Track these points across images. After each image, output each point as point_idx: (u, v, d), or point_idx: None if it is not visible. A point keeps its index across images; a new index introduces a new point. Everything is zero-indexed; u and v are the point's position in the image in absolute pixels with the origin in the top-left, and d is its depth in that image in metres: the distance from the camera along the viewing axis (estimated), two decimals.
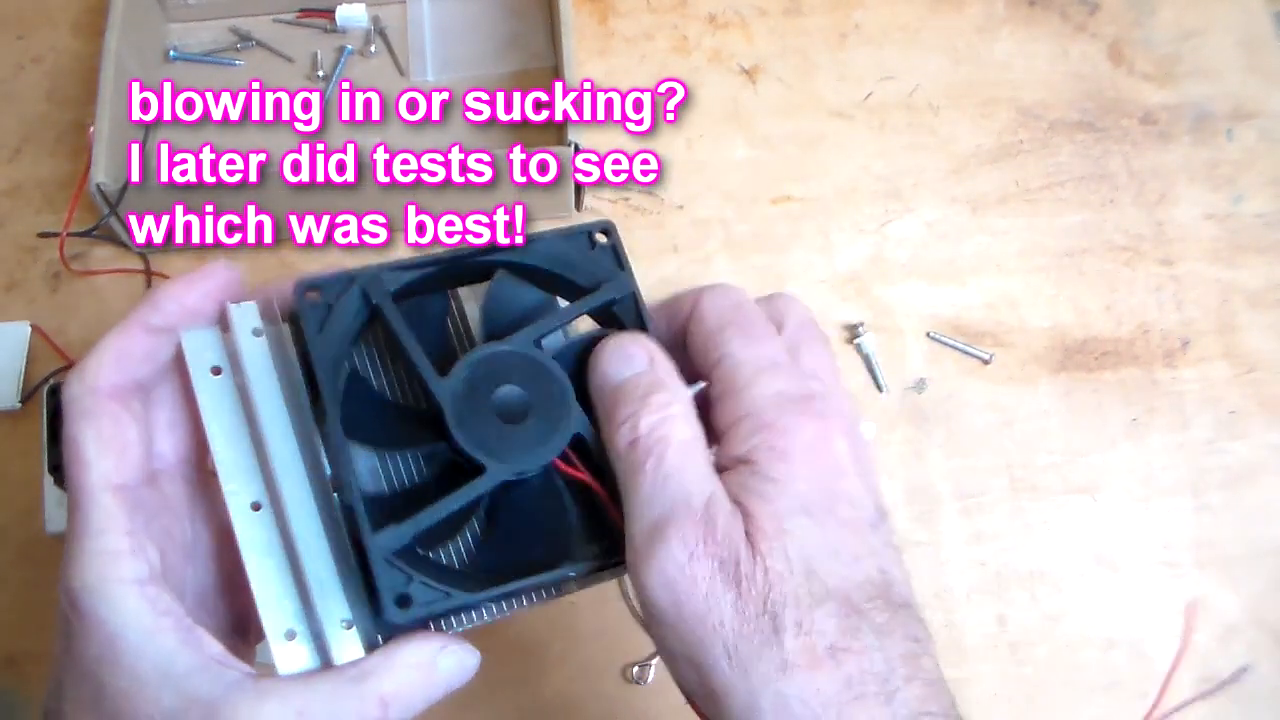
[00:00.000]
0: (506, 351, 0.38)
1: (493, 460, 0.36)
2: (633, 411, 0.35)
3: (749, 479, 0.35)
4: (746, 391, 0.36)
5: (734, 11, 0.76)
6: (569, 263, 0.40)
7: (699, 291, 0.39)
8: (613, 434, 0.36)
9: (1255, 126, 0.73)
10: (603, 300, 0.39)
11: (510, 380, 0.37)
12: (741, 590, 0.33)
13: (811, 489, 0.35)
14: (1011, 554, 0.62)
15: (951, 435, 0.64)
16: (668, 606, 0.33)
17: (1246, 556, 0.62)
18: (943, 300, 0.68)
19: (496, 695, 0.58)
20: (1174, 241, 0.70)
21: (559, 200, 0.67)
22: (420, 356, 0.37)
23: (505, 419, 0.37)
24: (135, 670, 0.33)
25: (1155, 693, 0.59)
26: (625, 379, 0.36)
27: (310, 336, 0.37)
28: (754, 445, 0.35)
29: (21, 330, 0.65)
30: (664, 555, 0.33)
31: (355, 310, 0.37)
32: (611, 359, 0.37)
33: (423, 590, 0.34)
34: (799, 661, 0.32)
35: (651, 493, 0.34)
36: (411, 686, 0.35)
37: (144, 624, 0.33)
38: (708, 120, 0.73)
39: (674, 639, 0.34)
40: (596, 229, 0.40)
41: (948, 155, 0.72)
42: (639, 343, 0.37)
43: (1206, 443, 0.65)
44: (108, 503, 0.34)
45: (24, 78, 0.73)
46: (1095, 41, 0.76)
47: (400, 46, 0.74)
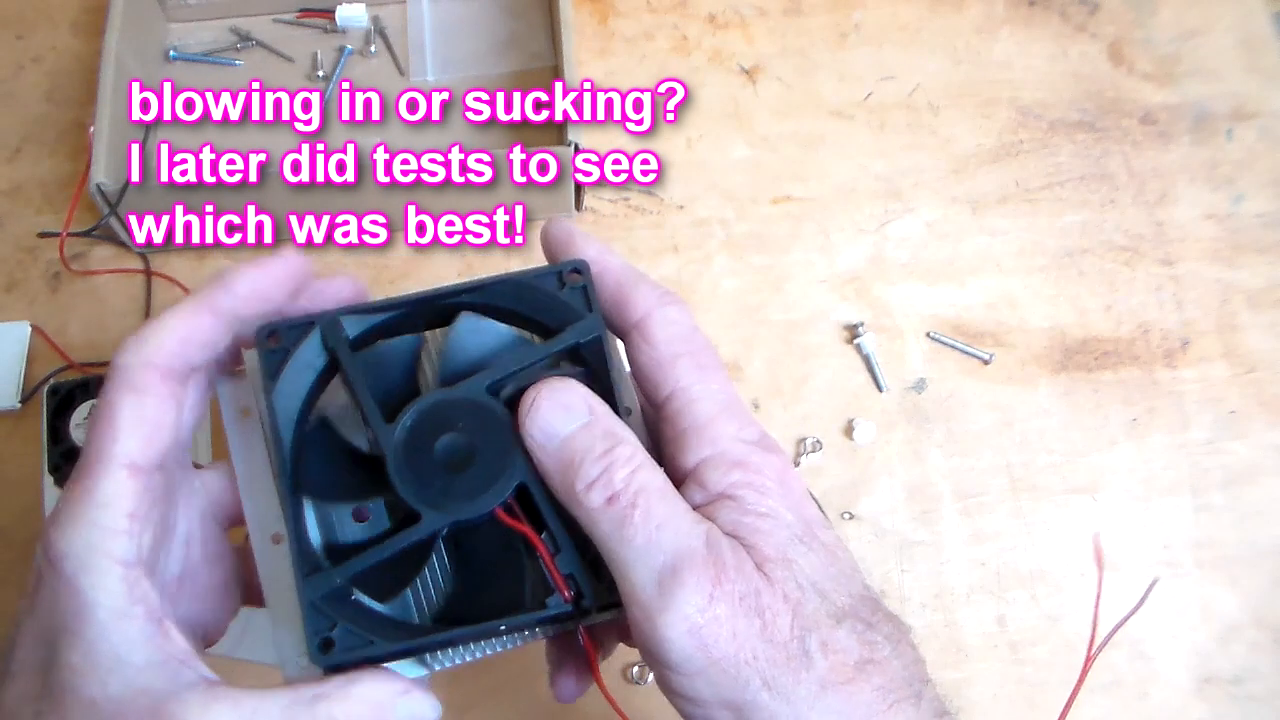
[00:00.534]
0: (455, 399, 0.37)
1: (428, 509, 0.36)
2: (602, 469, 0.34)
3: (739, 515, 0.35)
4: (709, 430, 0.36)
5: (734, 11, 0.76)
6: (536, 303, 0.38)
7: (648, 304, 0.38)
8: (581, 495, 0.34)
9: (1255, 126, 0.73)
10: (566, 344, 0.37)
11: (456, 428, 0.36)
12: (765, 620, 0.33)
13: (795, 519, 0.36)
14: (1011, 554, 0.62)
15: (951, 435, 0.64)
16: (695, 652, 0.33)
17: (1246, 556, 0.62)
18: (943, 300, 0.68)
19: (496, 695, 0.58)
20: (1174, 241, 0.70)
21: (559, 200, 0.67)
22: (369, 403, 0.36)
23: (449, 467, 0.36)
24: (93, 648, 0.32)
25: (1154, 692, 0.59)
26: (572, 432, 0.35)
27: (265, 385, 0.37)
28: (734, 481, 0.36)
29: (21, 330, 0.65)
30: (683, 601, 0.33)
31: (313, 356, 0.37)
32: (551, 413, 0.36)
33: (346, 636, 0.35)
34: (835, 679, 0.33)
35: (647, 543, 0.34)
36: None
37: (116, 605, 0.33)
38: (708, 120, 0.73)
39: (704, 684, 0.33)
40: (568, 269, 0.38)
41: (948, 155, 0.72)
42: (573, 391, 0.36)
43: (1206, 443, 0.65)
44: (122, 479, 0.34)
45: (24, 78, 0.73)
46: (1095, 41, 0.76)
47: (400, 46, 0.74)
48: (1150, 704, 0.59)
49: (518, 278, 0.38)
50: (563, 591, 0.36)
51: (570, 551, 0.36)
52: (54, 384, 0.61)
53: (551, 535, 0.36)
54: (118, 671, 0.32)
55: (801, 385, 0.65)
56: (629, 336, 0.38)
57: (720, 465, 0.36)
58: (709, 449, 0.36)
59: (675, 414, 0.37)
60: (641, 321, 0.38)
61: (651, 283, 0.39)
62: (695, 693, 0.34)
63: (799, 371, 0.66)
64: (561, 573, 0.36)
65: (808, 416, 0.65)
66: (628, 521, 0.34)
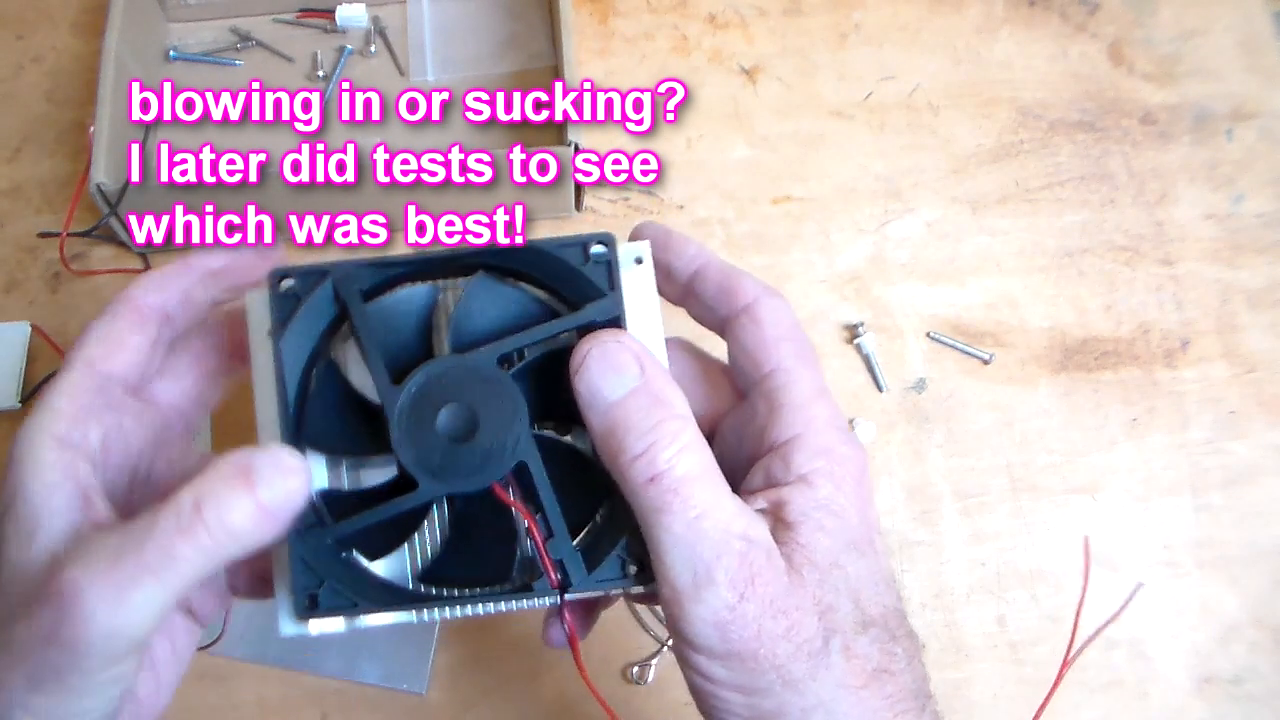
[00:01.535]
0: (463, 367, 0.36)
1: (427, 478, 0.36)
2: (648, 445, 0.34)
3: (810, 506, 0.36)
4: (805, 410, 0.37)
5: (734, 11, 0.76)
6: (557, 275, 0.38)
7: (756, 291, 0.39)
8: (624, 467, 0.35)
9: (1255, 126, 0.73)
10: (583, 321, 0.37)
11: (463, 397, 0.36)
12: (792, 621, 0.34)
13: (859, 523, 0.37)
14: (1011, 554, 0.62)
15: (951, 435, 0.64)
16: (717, 643, 0.34)
17: (1246, 556, 0.62)
18: (943, 300, 0.68)
19: (496, 695, 0.58)
20: (1174, 241, 0.70)
21: (559, 200, 0.67)
22: (377, 363, 0.36)
23: (451, 436, 0.36)
24: (20, 515, 0.35)
25: (1154, 692, 0.59)
26: (620, 398, 0.35)
27: (274, 329, 0.37)
28: (816, 468, 0.37)
29: (21, 330, 0.65)
30: (712, 598, 0.34)
31: (325, 305, 0.37)
32: (600, 373, 0.35)
33: (331, 595, 0.35)
34: (851, 683, 0.35)
35: (685, 533, 0.34)
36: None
37: (47, 478, 0.35)
38: (708, 120, 0.73)
39: (720, 667, 0.34)
40: (594, 240, 0.37)
41: (948, 155, 0.72)
42: (625, 348, 0.36)
43: (1206, 443, 0.65)
44: (78, 377, 0.37)
45: (24, 78, 0.73)
46: (1095, 41, 0.76)
47: (400, 46, 0.74)
48: (1150, 704, 0.59)
49: (541, 245, 0.37)
50: (550, 576, 0.36)
51: (563, 537, 0.36)
52: None
53: (545, 518, 0.36)
54: (38, 537, 0.34)
55: None
56: (735, 320, 0.39)
57: (808, 447, 0.37)
58: (801, 427, 0.37)
59: (774, 390, 0.38)
60: (751, 306, 0.39)
61: (756, 277, 0.40)
62: (711, 672, 0.35)
63: None
64: (551, 558, 0.36)
65: None
66: (668, 508, 0.34)
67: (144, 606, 0.32)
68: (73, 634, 0.32)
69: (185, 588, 0.33)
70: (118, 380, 0.38)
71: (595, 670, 0.59)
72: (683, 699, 0.59)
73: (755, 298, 0.39)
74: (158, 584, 0.32)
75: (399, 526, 0.37)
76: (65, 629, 0.32)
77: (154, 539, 0.32)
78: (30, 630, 0.32)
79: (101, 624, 0.32)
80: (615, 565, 0.36)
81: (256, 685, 0.58)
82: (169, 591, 0.32)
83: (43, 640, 0.32)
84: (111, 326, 0.38)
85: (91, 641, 0.32)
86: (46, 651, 0.32)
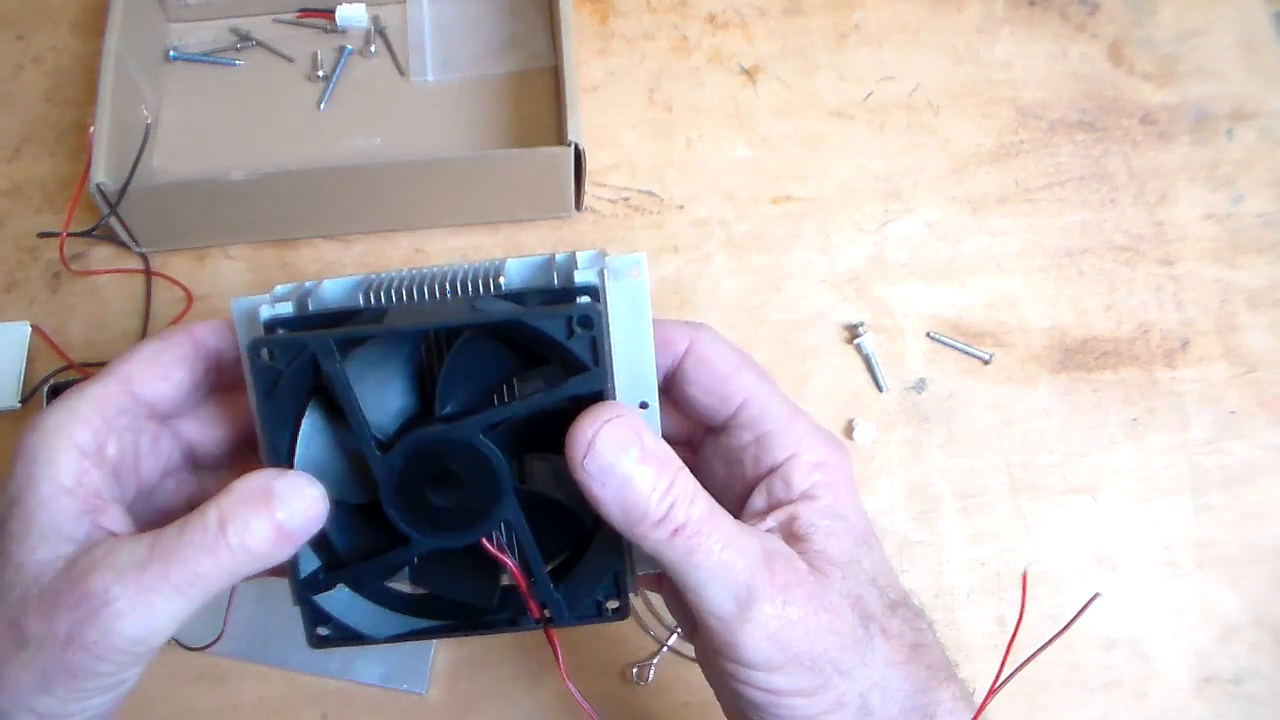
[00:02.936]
0: (450, 438, 0.37)
1: (418, 536, 0.38)
2: (669, 505, 0.36)
3: (818, 517, 0.39)
4: (790, 431, 0.40)
5: (734, 11, 0.76)
6: (542, 344, 0.37)
7: (684, 331, 0.41)
8: (649, 529, 0.36)
9: (1255, 126, 0.73)
10: (568, 395, 0.37)
11: (448, 465, 0.37)
12: (833, 614, 0.37)
13: (860, 519, 0.40)
14: (1011, 554, 0.62)
15: (951, 435, 0.64)
16: (774, 654, 0.36)
17: (1246, 556, 0.62)
18: (943, 300, 0.68)
19: (497, 696, 0.58)
20: (1174, 241, 0.70)
21: (559, 200, 0.67)
22: (365, 433, 0.37)
23: (439, 498, 0.37)
24: (30, 516, 0.35)
25: (1154, 692, 0.59)
26: (630, 474, 0.35)
27: (259, 401, 0.37)
28: (815, 482, 0.40)
29: (21, 330, 0.65)
30: (762, 615, 0.36)
31: (306, 375, 0.37)
32: (612, 456, 0.35)
33: (336, 628, 0.39)
34: (896, 659, 0.38)
35: (717, 566, 0.36)
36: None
37: (61, 483, 0.35)
38: (708, 120, 0.73)
39: (781, 678, 0.36)
40: (578, 314, 0.36)
41: (948, 155, 0.72)
42: (627, 425, 0.36)
43: (1206, 443, 0.65)
44: (111, 391, 0.37)
45: (24, 78, 0.73)
46: (1095, 41, 0.76)
47: (400, 46, 0.74)
48: (1150, 704, 0.59)
49: (525, 318, 0.37)
50: (535, 614, 0.39)
51: (545, 582, 0.39)
52: (54, 384, 0.61)
53: (526, 563, 0.38)
54: (49, 540, 0.35)
55: (801, 385, 0.65)
56: (680, 368, 0.41)
57: (804, 465, 0.40)
58: (794, 447, 0.40)
59: (754, 419, 0.40)
60: (691, 349, 0.41)
61: (674, 321, 0.41)
62: (773, 685, 0.37)
63: (799, 371, 0.66)
64: (536, 600, 0.39)
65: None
66: (696, 550, 0.36)
67: (168, 616, 0.34)
68: (97, 638, 0.33)
69: (206, 600, 0.34)
70: (147, 405, 0.39)
71: (596, 671, 0.59)
72: (682, 699, 0.59)
73: (689, 339, 0.41)
74: (183, 597, 0.34)
75: (389, 569, 0.40)
76: (90, 632, 0.33)
77: (182, 553, 0.33)
78: (48, 631, 0.33)
79: (127, 631, 0.33)
80: (592, 605, 0.40)
81: (256, 685, 0.58)
82: (192, 605, 0.34)
83: (61, 642, 0.33)
84: (162, 353, 0.39)
85: (115, 646, 0.33)
86: (64, 653, 0.33)
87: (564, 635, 0.61)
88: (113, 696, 0.35)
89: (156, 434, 0.40)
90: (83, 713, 0.35)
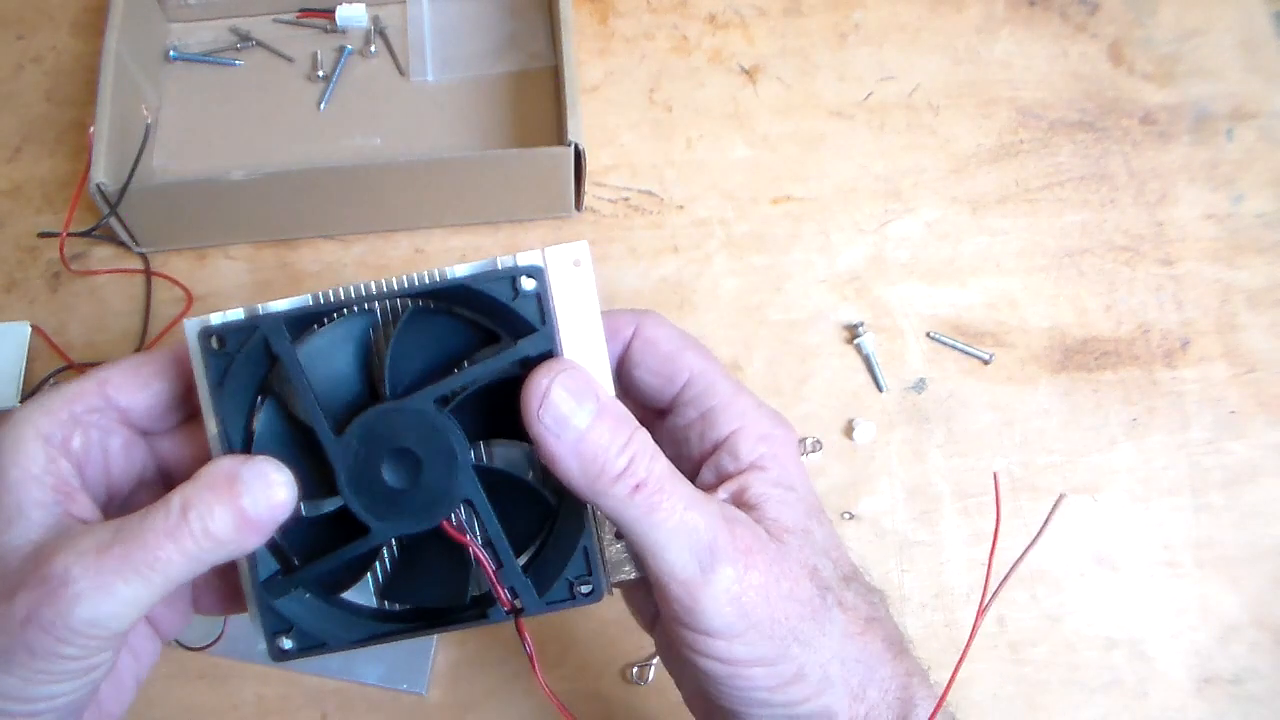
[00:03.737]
0: (403, 411, 0.36)
1: (378, 522, 0.37)
2: (629, 459, 0.36)
3: (768, 486, 0.39)
4: (735, 404, 0.40)
5: (734, 11, 0.76)
6: (488, 308, 0.37)
7: (631, 319, 0.41)
8: (608, 484, 0.35)
9: (1255, 126, 0.73)
10: (518, 357, 0.37)
11: (404, 442, 0.36)
12: (792, 580, 0.37)
13: (809, 493, 0.41)
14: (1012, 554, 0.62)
15: (951, 435, 0.64)
16: (736, 619, 0.36)
17: (1246, 556, 0.62)
18: (943, 300, 0.68)
19: (496, 696, 0.58)
20: (1174, 241, 0.70)
21: (559, 200, 0.67)
22: (318, 417, 0.36)
23: (397, 479, 0.37)
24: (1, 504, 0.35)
25: (1154, 692, 0.59)
26: (590, 425, 0.35)
27: (211, 387, 0.37)
28: (763, 454, 0.40)
29: (21, 330, 0.65)
30: (724, 578, 0.36)
31: (259, 358, 0.37)
32: (566, 407, 0.35)
33: (300, 637, 0.38)
34: (853, 630, 0.38)
35: (680, 525, 0.36)
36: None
37: (28, 469, 0.36)
38: (708, 120, 0.73)
39: (741, 646, 0.36)
40: (522, 273, 0.37)
41: (948, 155, 0.72)
42: (579, 378, 0.36)
43: (1206, 443, 0.65)
44: (84, 390, 0.38)
45: (24, 78, 0.73)
46: (1095, 41, 0.76)
47: (400, 46, 0.74)
48: (1150, 704, 0.59)
49: (469, 281, 0.37)
50: (504, 603, 0.38)
51: (512, 565, 0.38)
52: (54, 384, 0.61)
53: (493, 548, 0.37)
54: (18, 524, 0.35)
55: (801, 385, 0.65)
56: (629, 351, 0.41)
57: (749, 437, 0.40)
58: (738, 421, 0.40)
59: (699, 395, 0.41)
60: (638, 331, 0.41)
61: (621, 310, 0.42)
62: (732, 655, 0.36)
63: (799, 371, 0.66)
64: (503, 585, 0.38)
65: (808, 416, 0.65)
66: (657, 507, 0.36)
67: (128, 600, 0.33)
68: (54, 618, 0.33)
69: (169, 587, 0.34)
70: (122, 410, 0.38)
71: (595, 670, 0.59)
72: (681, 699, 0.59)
73: (636, 323, 0.41)
74: (143, 581, 0.33)
75: (353, 566, 0.39)
76: (47, 612, 0.33)
77: (143, 537, 0.33)
78: (7, 610, 0.33)
79: (84, 613, 0.33)
80: (564, 587, 0.38)
81: (256, 685, 0.58)
82: (153, 590, 0.34)
83: (20, 621, 0.33)
84: (144, 364, 0.39)
85: (72, 626, 0.33)
86: (23, 632, 0.33)
87: (561, 634, 0.61)
88: (82, 683, 0.35)
89: (130, 440, 0.39)
90: (50, 698, 0.35)
